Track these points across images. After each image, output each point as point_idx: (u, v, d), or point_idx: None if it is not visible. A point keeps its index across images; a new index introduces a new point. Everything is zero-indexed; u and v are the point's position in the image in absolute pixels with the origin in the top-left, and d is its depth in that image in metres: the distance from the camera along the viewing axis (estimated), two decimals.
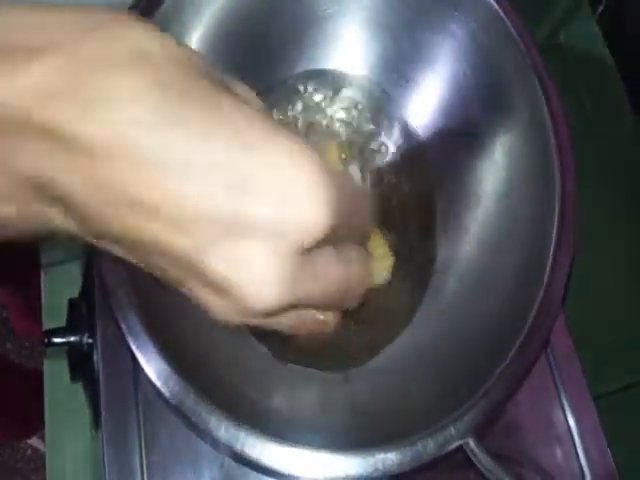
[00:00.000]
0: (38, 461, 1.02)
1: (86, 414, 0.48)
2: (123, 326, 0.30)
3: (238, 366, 0.35)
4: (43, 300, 0.54)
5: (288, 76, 0.43)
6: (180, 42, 0.20)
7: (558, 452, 0.36)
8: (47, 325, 0.52)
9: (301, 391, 0.36)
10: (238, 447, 0.28)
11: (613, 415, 0.40)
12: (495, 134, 0.38)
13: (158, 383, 0.29)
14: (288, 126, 0.43)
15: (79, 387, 0.45)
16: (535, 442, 0.36)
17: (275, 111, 0.43)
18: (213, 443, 0.29)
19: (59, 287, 0.54)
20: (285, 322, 0.23)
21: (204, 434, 0.29)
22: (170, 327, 0.32)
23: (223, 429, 0.28)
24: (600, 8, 0.65)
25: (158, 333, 0.30)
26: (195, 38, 0.39)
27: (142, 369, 0.37)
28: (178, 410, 0.29)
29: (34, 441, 1.00)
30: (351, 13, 0.41)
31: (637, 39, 0.62)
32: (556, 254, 0.31)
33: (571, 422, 0.37)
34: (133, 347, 0.30)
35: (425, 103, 0.42)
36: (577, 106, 0.61)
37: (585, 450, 0.36)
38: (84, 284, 0.46)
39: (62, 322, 0.44)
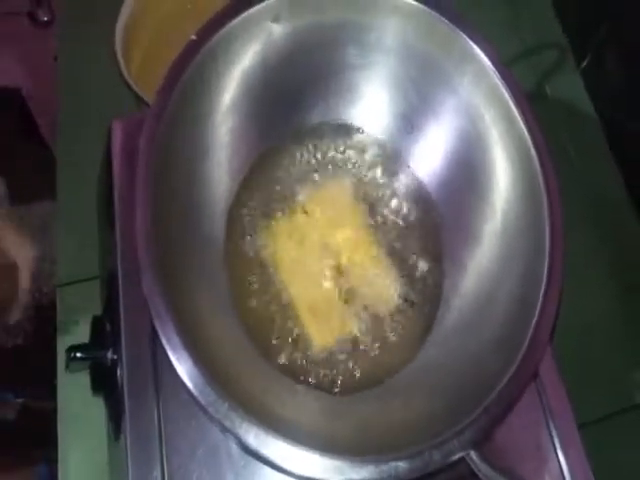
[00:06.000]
0: None
1: (96, 424, 0.50)
2: (166, 343, 0.33)
3: (261, 384, 0.38)
4: (58, 317, 0.56)
5: (307, 123, 0.47)
6: None
7: (546, 476, 0.40)
8: (62, 341, 0.55)
9: (316, 410, 0.40)
10: (265, 452, 0.31)
11: (598, 441, 0.44)
12: (493, 182, 0.42)
13: (195, 392, 0.33)
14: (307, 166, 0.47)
15: (90, 399, 0.48)
16: (525, 464, 0.40)
17: (293, 156, 0.47)
18: (243, 447, 0.32)
19: (74, 305, 0.56)
20: None
21: (234, 437, 0.32)
22: (202, 346, 0.36)
23: (253, 435, 0.32)
24: (584, 63, 0.70)
25: (193, 347, 0.34)
26: (227, 84, 0.43)
27: (165, 382, 0.40)
28: (213, 417, 0.32)
29: None
30: (372, 66, 0.45)
31: (617, 91, 0.67)
32: (546, 291, 0.35)
33: (558, 449, 0.41)
34: (175, 362, 0.33)
35: (430, 151, 0.46)
36: (561, 151, 0.66)
37: (571, 474, 0.40)
38: (107, 303, 0.49)
39: (76, 339, 0.47)
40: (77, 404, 0.53)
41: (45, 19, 0.96)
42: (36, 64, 0.86)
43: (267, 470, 0.38)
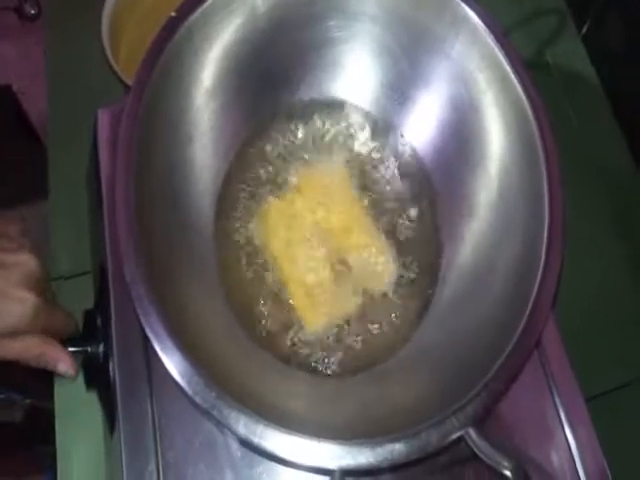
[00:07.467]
0: None
1: (93, 420, 0.49)
2: (149, 332, 0.32)
3: (252, 370, 0.37)
4: None
5: (294, 100, 0.45)
6: None
7: (552, 451, 0.39)
8: None
9: (311, 395, 0.38)
10: (256, 440, 0.30)
11: (605, 414, 0.42)
12: (488, 149, 0.40)
13: (182, 383, 0.31)
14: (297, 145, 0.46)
15: (87, 395, 0.47)
16: (531, 441, 0.39)
17: (282, 135, 0.46)
18: (236, 436, 0.31)
19: (69, 299, 0.56)
20: None
21: (224, 427, 0.31)
22: (189, 334, 0.35)
23: (242, 424, 0.30)
24: (585, 28, 0.68)
25: (180, 335, 0.33)
26: (206, 63, 0.42)
27: (158, 375, 0.39)
28: (200, 407, 0.31)
29: None
30: (357, 36, 0.43)
31: (620, 56, 0.65)
32: (547, 258, 0.33)
33: (565, 424, 0.39)
34: (159, 352, 0.32)
35: (423, 120, 0.44)
36: (564, 120, 0.64)
37: (579, 449, 0.39)
38: (99, 296, 0.48)
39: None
40: (74, 400, 0.52)
41: (32, 12, 0.95)
42: (26, 59, 0.85)
43: (265, 460, 0.37)
